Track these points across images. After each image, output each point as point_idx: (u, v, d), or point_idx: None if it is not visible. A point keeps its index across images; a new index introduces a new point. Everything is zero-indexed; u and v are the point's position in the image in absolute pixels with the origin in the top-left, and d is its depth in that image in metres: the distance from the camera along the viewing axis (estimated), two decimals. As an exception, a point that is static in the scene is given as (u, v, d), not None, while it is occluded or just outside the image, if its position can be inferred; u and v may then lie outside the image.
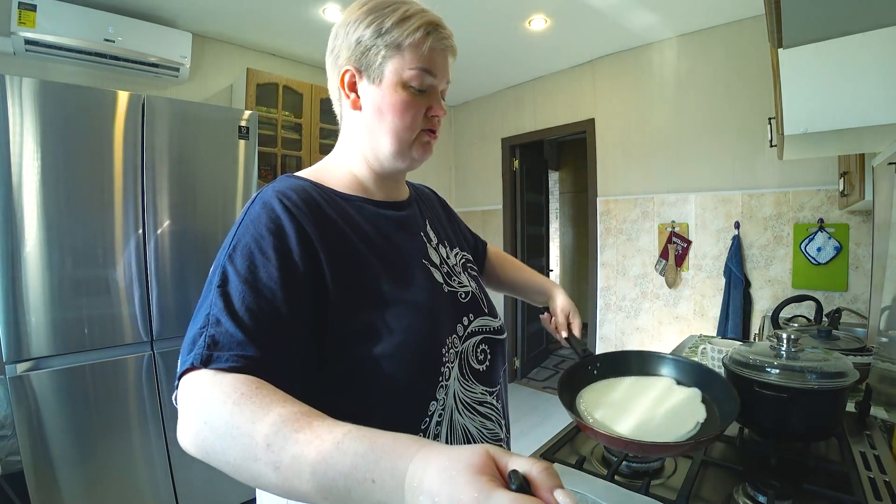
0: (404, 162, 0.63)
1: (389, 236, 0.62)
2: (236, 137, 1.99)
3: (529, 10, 2.37)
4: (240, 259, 0.49)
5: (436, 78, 0.60)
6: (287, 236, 0.51)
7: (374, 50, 0.58)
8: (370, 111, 0.60)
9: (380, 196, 0.66)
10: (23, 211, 1.49)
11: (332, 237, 0.54)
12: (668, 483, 0.73)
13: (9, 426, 1.65)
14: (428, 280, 0.62)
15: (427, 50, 0.58)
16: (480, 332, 0.66)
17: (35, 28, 1.89)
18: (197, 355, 0.43)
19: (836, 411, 0.77)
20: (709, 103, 2.57)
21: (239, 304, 0.46)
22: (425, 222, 0.72)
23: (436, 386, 0.57)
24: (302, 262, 0.50)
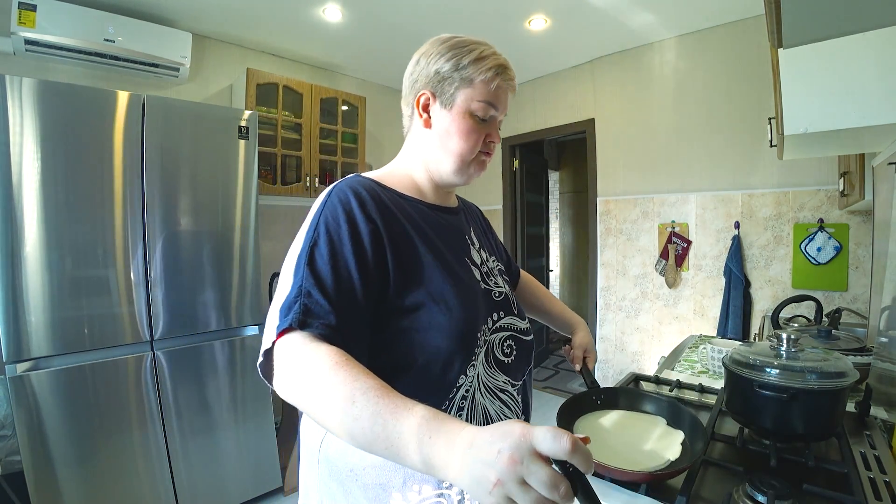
0: (462, 177, 0.74)
1: (439, 233, 0.72)
2: (236, 137, 1.99)
3: (529, 10, 2.37)
4: (323, 242, 0.60)
5: (497, 111, 0.71)
6: (359, 225, 0.61)
7: (449, 81, 0.69)
8: (439, 131, 0.71)
9: (433, 200, 0.76)
10: (23, 211, 1.49)
11: (393, 228, 0.65)
12: (668, 483, 0.73)
13: (9, 426, 1.65)
14: (469, 274, 0.72)
15: (494, 87, 0.70)
16: (508, 328, 0.75)
17: (35, 28, 1.89)
18: (294, 319, 0.54)
19: (836, 411, 0.77)
20: (709, 103, 2.57)
21: (325, 280, 0.57)
22: (469, 228, 0.82)
23: (468, 364, 0.65)
24: (370, 248, 0.61)
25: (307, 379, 0.50)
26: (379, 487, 0.63)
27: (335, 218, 0.61)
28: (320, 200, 0.65)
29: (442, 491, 0.64)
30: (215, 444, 1.94)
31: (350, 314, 0.57)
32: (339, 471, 0.65)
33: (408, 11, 2.33)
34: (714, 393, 1.14)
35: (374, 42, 2.73)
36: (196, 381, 1.89)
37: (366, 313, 0.59)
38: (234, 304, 1.99)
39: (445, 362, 0.63)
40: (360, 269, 0.59)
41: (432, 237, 0.69)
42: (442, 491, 0.64)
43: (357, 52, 2.89)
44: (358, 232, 0.61)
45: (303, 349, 0.52)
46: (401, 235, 0.65)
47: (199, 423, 1.89)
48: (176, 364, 1.82)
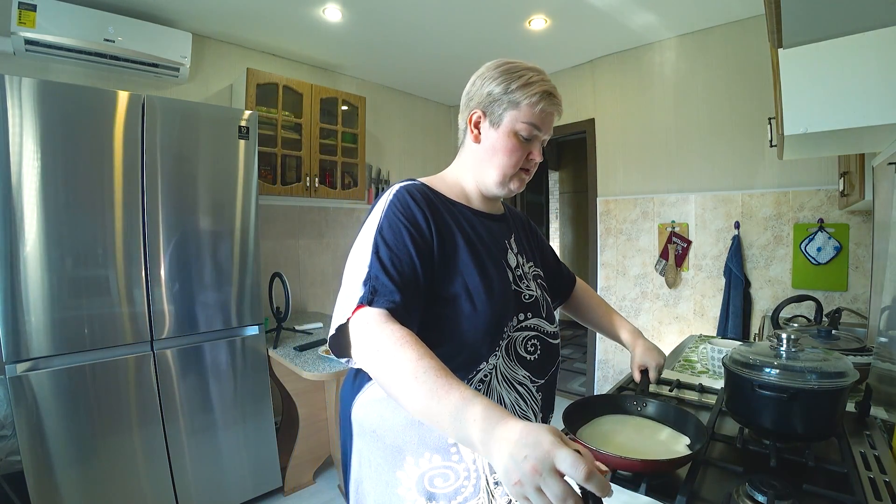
0: (502, 190, 0.82)
1: (480, 235, 0.80)
2: (236, 137, 1.99)
3: (529, 10, 2.37)
4: (388, 234, 0.70)
5: (541, 132, 0.78)
6: (417, 220, 0.72)
7: (499, 102, 0.77)
8: (486, 146, 0.79)
9: (478, 207, 0.85)
10: (23, 211, 1.49)
11: (441, 225, 0.75)
12: (668, 483, 0.73)
13: (9, 426, 1.66)
14: (502, 275, 0.79)
15: (539, 110, 0.76)
16: (534, 329, 0.81)
17: (35, 28, 1.89)
18: (364, 296, 0.65)
19: (836, 411, 0.77)
20: (709, 103, 2.57)
21: (389, 265, 0.67)
22: (511, 235, 0.89)
23: (490, 353, 0.74)
24: (426, 240, 0.72)
25: (377, 352, 0.60)
26: (395, 449, 0.74)
27: (396, 213, 0.72)
28: (384, 199, 0.76)
29: (450, 464, 0.74)
30: (215, 444, 1.94)
31: (411, 294, 0.68)
32: (364, 431, 0.78)
33: (408, 11, 2.33)
34: (714, 393, 1.14)
35: (374, 42, 2.73)
36: (196, 381, 1.89)
37: (422, 290, 0.70)
38: (234, 303, 1.99)
39: (470, 349, 0.72)
40: (418, 252, 0.70)
41: (472, 238, 0.78)
42: (450, 464, 0.74)
43: (357, 52, 2.89)
44: (416, 222, 0.72)
45: (373, 324, 0.63)
46: (446, 231, 0.75)
47: (199, 423, 1.89)
48: (176, 364, 1.82)
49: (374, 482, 0.77)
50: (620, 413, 0.93)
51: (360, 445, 0.80)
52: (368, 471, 0.78)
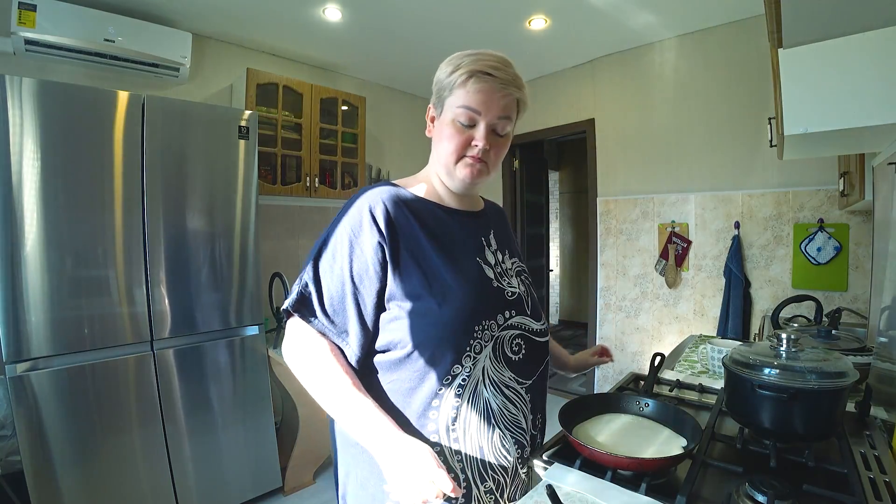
0: (452, 180, 0.79)
1: (451, 233, 0.78)
2: (236, 137, 1.99)
3: (529, 10, 2.37)
4: (332, 245, 0.73)
5: (479, 114, 0.73)
6: (364, 237, 0.71)
7: (441, 91, 0.76)
8: (436, 137, 0.78)
9: (450, 204, 0.82)
10: (23, 211, 1.49)
11: (401, 232, 0.73)
12: (668, 483, 0.73)
13: (9, 426, 1.66)
14: (476, 272, 0.77)
15: (471, 91, 0.72)
16: (519, 327, 0.78)
17: (35, 28, 1.89)
18: (291, 303, 0.72)
19: (836, 411, 0.77)
20: (709, 103, 2.57)
21: (323, 279, 0.72)
22: (490, 231, 0.86)
23: (462, 354, 0.71)
24: (371, 258, 0.71)
25: (300, 363, 0.71)
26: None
27: (347, 226, 0.73)
28: (349, 205, 0.75)
29: None
30: (215, 443, 1.94)
31: (339, 312, 0.71)
32: (348, 443, 0.78)
33: (408, 11, 2.33)
34: (714, 393, 1.14)
35: (374, 42, 2.73)
36: (196, 381, 1.89)
37: (355, 313, 0.71)
38: (234, 304, 1.99)
39: (436, 349, 0.71)
40: (356, 276, 0.71)
41: (441, 238, 0.76)
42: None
43: (357, 52, 2.89)
44: (362, 242, 0.71)
45: (298, 336, 0.72)
46: (408, 235, 0.73)
47: (199, 423, 1.89)
48: (176, 364, 1.82)
49: (360, 497, 0.76)
50: (618, 412, 0.93)
51: (345, 458, 0.79)
52: (354, 486, 0.77)
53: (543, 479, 0.74)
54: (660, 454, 0.77)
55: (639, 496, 0.68)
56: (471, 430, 0.72)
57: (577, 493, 0.70)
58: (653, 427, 0.88)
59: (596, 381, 3.17)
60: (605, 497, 0.68)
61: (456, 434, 0.72)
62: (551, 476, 0.74)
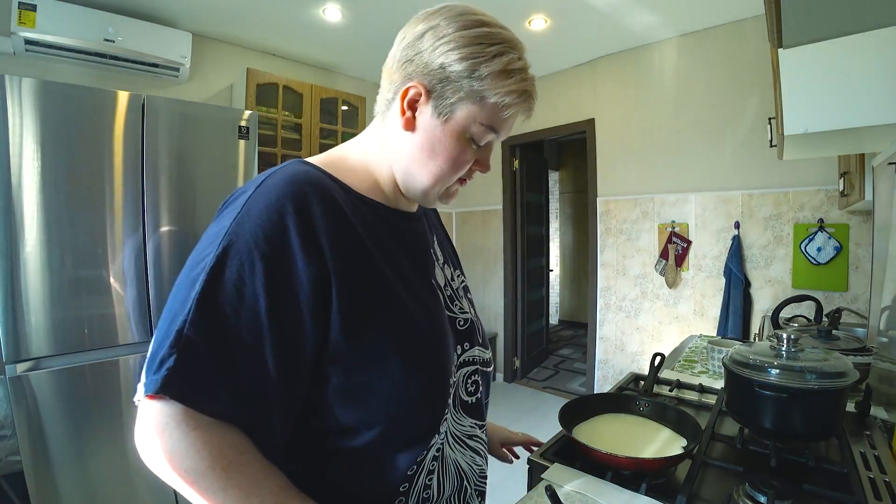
0: (428, 201, 0.59)
1: (406, 250, 0.57)
2: (236, 137, 1.99)
3: (529, 10, 2.37)
4: (232, 274, 0.42)
5: (499, 137, 0.56)
6: (295, 263, 0.44)
7: (454, 86, 0.51)
8: (422, 141, 0.54)
9: (395, 204, 0.60)
10: (23, 211, 1.49)
11: (349, 249, 0.48)
12: (668, 483, 0.73)
13: (9, 426, 1.65)
14: (436, 304, 0.58)
15: (509, 116, 0.54)
16: (473, 362, 0.63)
17: (35, 28, 1.89)
18: (169, 387, 0.40)
19: (836, 411, 0.77)
20: (709, 103, 2.57)
21: (223, 333, 0.42)
22: (433, 238, 0.67)
23: (442, 419, 0.55)
24: (306, 296, 0.44)
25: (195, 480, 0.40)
26: None
27: (256, 233, 0.43)
28: (243, 200, 0.47)
29: None
30: (215, 444, 1.94)
31: (252, 382, 0.43)
32: None
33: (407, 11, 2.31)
34: (714, 393, 1.14)
35: (374, 42, 2.73)
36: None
37: (278, 380, 0.44)
38: (234, 304, 1.99)
39: (416, 422, 0.52)
40: (278, 321, 0.43)
41: (399, 258, 0.55)
42: None
43: (357, 52, 2.89)
44: (291, 272, 0.44)
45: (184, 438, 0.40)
46: (357, 258, 0.49)
47: (199, 423, 1.89)
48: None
49: None
50: (618, 412, 0.93)
51: None
52: None
53: (543, 479, 0.74)
54: (660, 454, 0.77)
55: (639, 496, 0.68)
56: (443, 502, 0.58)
57: (577, 493, 0.70)
58: (653, 427, 0.88)
59: (596, 381, 3.17)
60: (605, 497, 0.68)
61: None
62: (551, 476, 0.74)
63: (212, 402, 0.41)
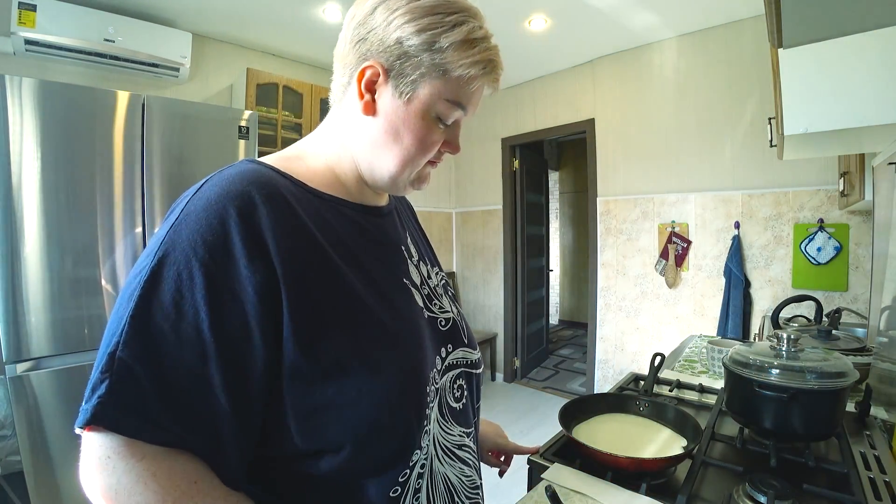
0: (398, 188, 0.55)
1: (370, 249, 0.53)
2: (236, 137, 1.99)
3: (529, 10, 2.37)
4: (167, 283, 0.38)
5: (466, 114, 0.52)
6: (236, 262, 0.40)
7: (414, 62, 0.48)
8: (384, 124, 0.50)
9: (358, 199, 0.55)
10: (23, 211, 1.49)
11: (300, 252, 0.44)
12: (668, 483, 0.73)
13: (9, 426, 1.65)
14: (409, 304, 0.54)
15: (475, 88, 0.50)
16: (458, 364, 0.59)
17: (35, 28, 1.89)
18: (102, 417, 0.36)
19: (836, 411, 0.77)
20: (709, 103, 2.57)
21: (158, 343, 0.38)
22: (406, 234, 0.62)
23: (421, 432, 0.49)
24: (253, 308, 0.40)
25: None
26: None
27: (195, 240, 0.39)
28: (182, 205, 0.43)
29: None
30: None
31: (197, 406, 0.39)
32: None
33: (408, 11, 2.33)
34: (714, 393, 1.14)
35: (374, 42, 2.73)
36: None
37: (227, 402, 0.40)
38: (234, 304, 1.99)
39: (388, 441, 0.47)
40: (224, 338, 0.39)
41: (362, 258, 0.51)
42: None
43: (357, 52, 2.89)
44: (234, 281, 0.40)
45: (131, 470, 0.36)
46: (311, 261, 0.45)
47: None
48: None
49: None
50: (618, 412, 0.93)
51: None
52: None
53: (543, 479, 0.74)
54: (660, 454, 0.77)
55: (639, 496, 0.68)
56: None
57: (577, 493, 0.70)
58: (653, 427, 0.88)
59: (596, 382, 3.17)
60: (605, 497, 0.68)
61: None
62: (551, 476, 0.74)
63: (155, 429, 0.37)
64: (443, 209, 4.05)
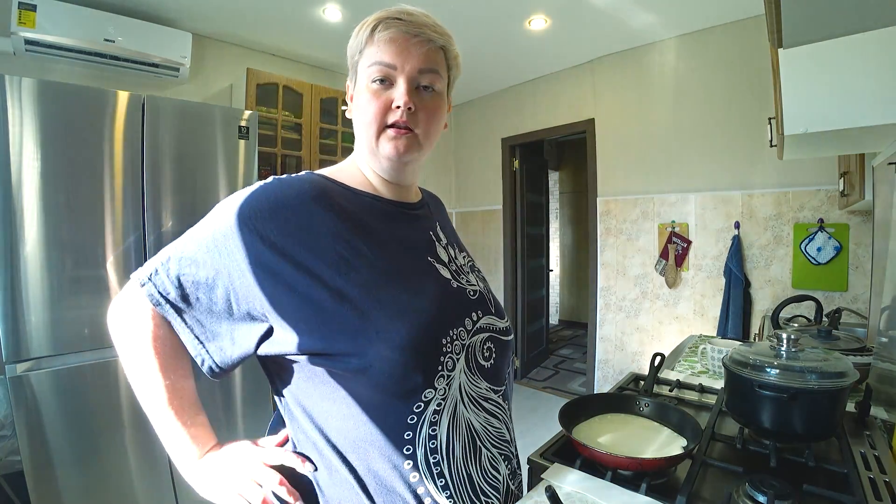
0: (379, 161, 0.64)
1: (394, 230, 0.64)
2: (236, 137, 1.99)
3: (529, 10, 2.37)
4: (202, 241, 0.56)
5: (395, 68, 0.60)
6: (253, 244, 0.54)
7: (353, 60, 0.64)
8: (355, 112, 0.64)
9: (389, 196, 0.68)
10: (23, 211, 1.49)
11: (325, 229, 0.57)
12: (668, 483, 0.73)
13: (9, 426, 1.65)
14: (432, 274, 0.64)
15: (379, 42, 0.60)
16: (487, 329, 0.67)
17: (35, 28, 1.89)
18: (144, 277, 0.60)
19: (836, 411, 0.77)
20: (709, 103, 2.57)
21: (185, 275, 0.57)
22: (436, 224, 0.74)
23: (434, 375, 0.57)
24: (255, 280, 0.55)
25: (127, 344, 0.66)
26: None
27: (235, 217, 0.55)
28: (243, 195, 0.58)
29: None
30: (215, 444, 1.94)
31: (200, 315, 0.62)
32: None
33: (408, 11, 2.33)
34: (714, 393, 1.14)
35: (374, 42, 2.74)
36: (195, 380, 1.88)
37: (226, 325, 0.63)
38: (234, 304, 1.99)
39: (398, 378, 0.55)
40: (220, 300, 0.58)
41: (382, 234, 0.62)
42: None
43: (357, 52, 2.89)
44: (246, 254, 0.54)
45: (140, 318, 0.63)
46: (332, 235, 0.57)
47: (199, 423, 1.89)
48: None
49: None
50: (618, 412, 0.93)
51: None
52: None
53: (543, 480, 0.74)
54: (660, 454, 0.77)
55: (639, 496, 0.68)
56: (456, 460, 0.60)
57: (577, 493, 0.70)
58: (653, 427, 0.88)
59: (596, 381, 3.17)
60: (605, 497, 0.68)
61: (440, 468, 0.58)
62: (551, 476, 0.74)
63: (165, 305, 0.63)
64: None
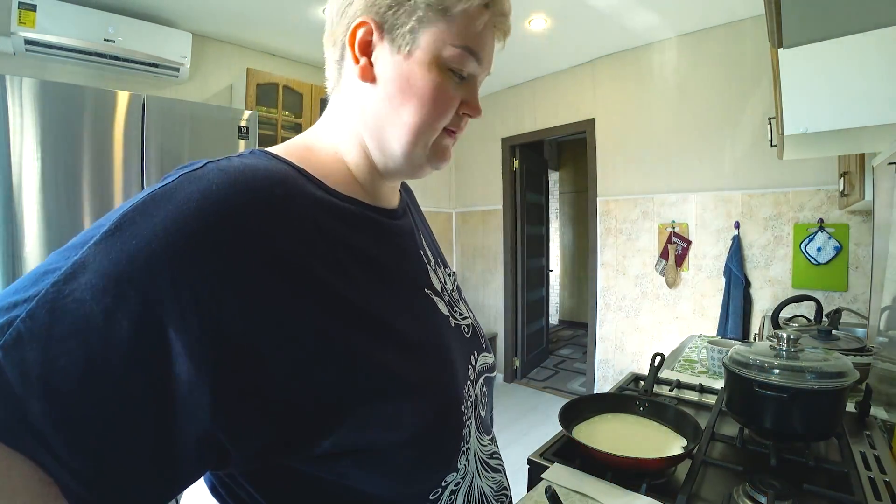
0: (414, 165, 0.45)
1: (394, 261, 0.45)
2: (236, 137, 1.99)
3: (529, 10, 2.37)
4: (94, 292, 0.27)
5: (481, 65, 0.44)
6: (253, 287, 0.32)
7: (408, 6, 0.40)
8: (388, 88, 0.42)
9: (374, 199, 0.47)
10: (23, 211, 1.49)
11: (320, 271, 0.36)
12: (668, 483, 0.73)
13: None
14: (433, 316, 0.47)
15: (482, 26, 0.42)
16: (483, 371, 0.53)
17: (35, 28, 1.89)
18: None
19: (836, 411, 0.77)
20: (709, 103, 2.57)
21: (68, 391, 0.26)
22: (420, 236, 0.54)
23: (457, 455, 0.43)
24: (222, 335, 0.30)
25: None
26: None
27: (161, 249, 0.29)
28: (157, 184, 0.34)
29: None
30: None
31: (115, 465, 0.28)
32: None
33: (408, 11, 2.33)
34: (714, 393, 1.14)
35: (374, 42, 2.74)
36: None
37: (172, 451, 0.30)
38: (234, 304, 1.99)
39: (416, 470, 0.41)
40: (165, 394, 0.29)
41: (389, 270, 0.44)
42: None
43: (357, 52, 2.89)
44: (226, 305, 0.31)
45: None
46: (332, 283, 0.36)
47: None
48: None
49: None
50: (618, 412, 0.93)
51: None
52: None
53: (543, 480, 0.74)
54: (660, 454, 0.77)
55: (639, 496, 0.68)
56: None
57: (577, 493, 0.70)
58: (653, 427, 0.88)
59: (596, 381, 3.17)
60: (605, 497, 0.68)
61: None
62: (551, 476, 0.74)
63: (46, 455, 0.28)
64: (443, 209, 4.06)
